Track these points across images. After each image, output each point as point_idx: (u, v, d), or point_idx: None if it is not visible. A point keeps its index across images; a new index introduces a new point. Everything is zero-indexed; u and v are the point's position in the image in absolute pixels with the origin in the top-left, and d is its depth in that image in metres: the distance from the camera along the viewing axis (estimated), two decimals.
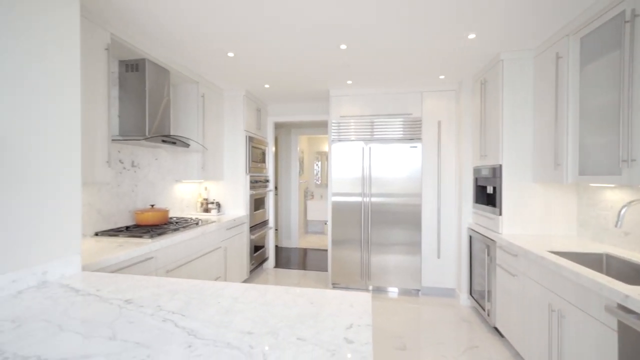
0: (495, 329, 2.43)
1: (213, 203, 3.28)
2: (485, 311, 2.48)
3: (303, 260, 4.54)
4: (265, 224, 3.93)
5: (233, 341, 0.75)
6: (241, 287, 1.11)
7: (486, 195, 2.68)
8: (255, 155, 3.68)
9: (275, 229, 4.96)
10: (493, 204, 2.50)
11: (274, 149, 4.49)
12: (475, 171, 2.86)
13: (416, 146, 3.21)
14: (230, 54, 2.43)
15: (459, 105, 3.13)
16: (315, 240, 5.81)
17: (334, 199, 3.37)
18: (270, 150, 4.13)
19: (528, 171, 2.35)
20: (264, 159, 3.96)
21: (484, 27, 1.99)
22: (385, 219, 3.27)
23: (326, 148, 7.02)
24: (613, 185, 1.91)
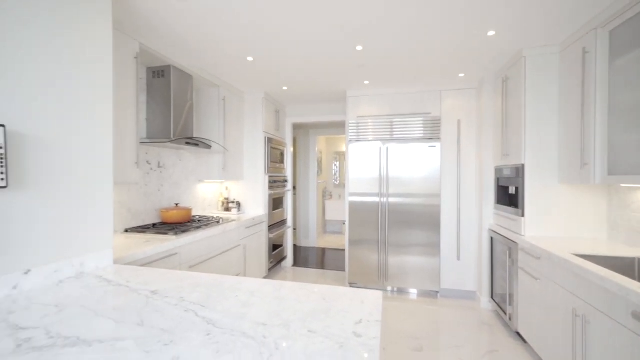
0: (518, 334, 2.36)
1: (233, 202, 3.40)
2: (507, 315, 2.41)
3: (321, 259, 4.58)
4: (283, 223, 4.01)
5: (248, 331, 0.80)
6: (257, 282, 1.17)
7: (508, 195, 2.60)
8: (274, 155, 3.77)
9: (294, 229, 5.04)
10: (515, 205, 2.42)
11: (293, 149, 4.56)
12: (497, 171, 2.78)
13: (435, 146, 3.17)
14: (250, 59, 2.52)
15: (479, 103, 3.06)
16: (334, 240, 5.84)
17: (351, 199, 3.39)
18: (289, 151, 4.21)
19: (552, 171, 2.26)
20: (282, 159, 4.05)
21: (504, 24, 1.94)
22: (402, 219, 3.25)
23: (344, 148, 7.02)
24: None
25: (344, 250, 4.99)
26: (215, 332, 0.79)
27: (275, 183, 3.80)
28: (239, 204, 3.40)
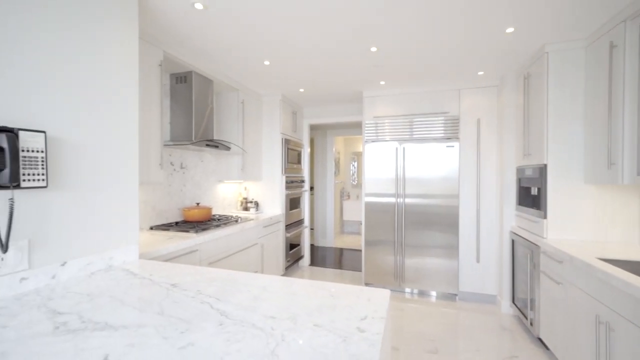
0: (540, 340, 2.27)
1: (252, 202, 3.50)
2: (528, 320, 2.33)
3: (338, 259, 4.61)
4: (300, 222, 4.08)
5: (258, 323, 0.84)
6: (270, 279, 1.22)
7: (531, 197, 2.51)
8: (291, 156, 3.83)
9: (311, 228, 5.09)
10: (537, 207, 2.33)
11: (310, 150, 4.62)
12: (519, 171, 2.69)
13: (453, 145, 3.11)
14: (267, 62, 2.59)
15: (500, 102, 2.97)
16: (351, 240, 5.84)
17: (367, 199, 3.39)
18: (306, 152, 4.27)
19: (578, 171, 2.16)
20: (299, 160, 4.11)
21: (524, 19, 1.89)
22: (419, 220, 3.21)
23: (362, 149, 7.00)
24: None
25: (361, 250, 4.98)
26: (228, 323, 0.85)
27: (293, 183, 3.87)
28: (257, 204, 3.50)
